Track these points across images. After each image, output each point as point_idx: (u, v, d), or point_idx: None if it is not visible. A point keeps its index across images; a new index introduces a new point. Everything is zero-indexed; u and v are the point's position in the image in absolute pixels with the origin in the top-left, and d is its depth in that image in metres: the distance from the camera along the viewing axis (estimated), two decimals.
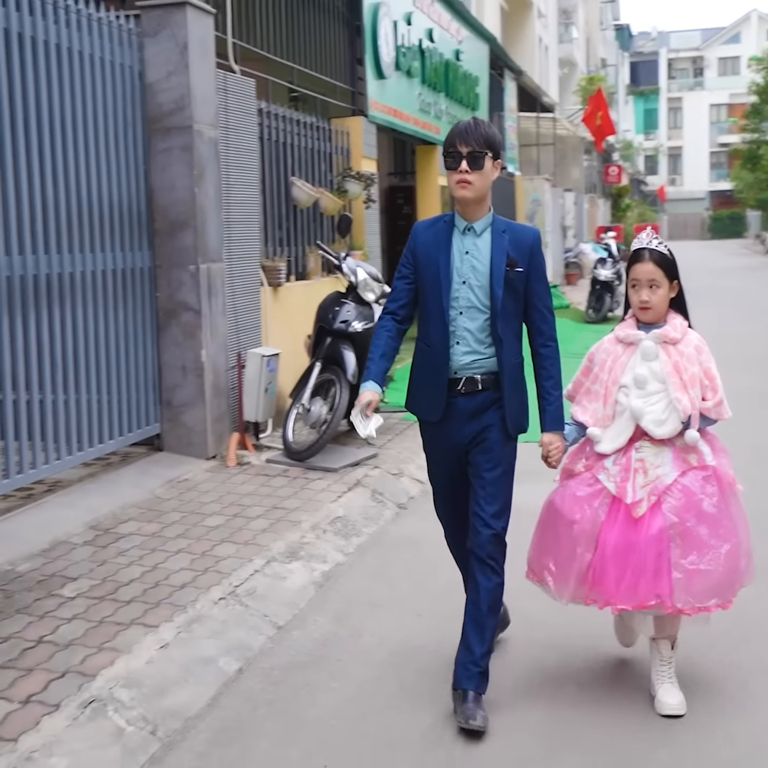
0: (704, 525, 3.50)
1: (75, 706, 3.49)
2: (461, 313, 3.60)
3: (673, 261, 3.65)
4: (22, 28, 5.43)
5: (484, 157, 3.50)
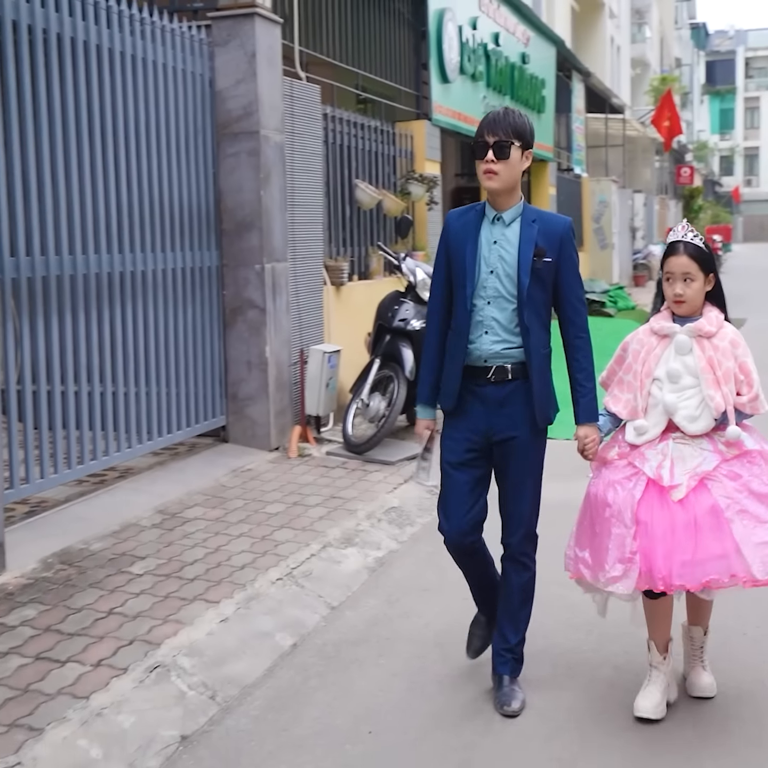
0: (759, 503, 3.45)
1: (141, 670, 3.78)
2: (489, 303, 3.55)
3: (708, 254, 3.59)
4: (100, 40, 5.77)
5: (510, 146, 3.44)
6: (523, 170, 3.54)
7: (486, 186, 3.51)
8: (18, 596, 4.41)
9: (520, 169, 3.52)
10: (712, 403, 3.50)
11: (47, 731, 3.32)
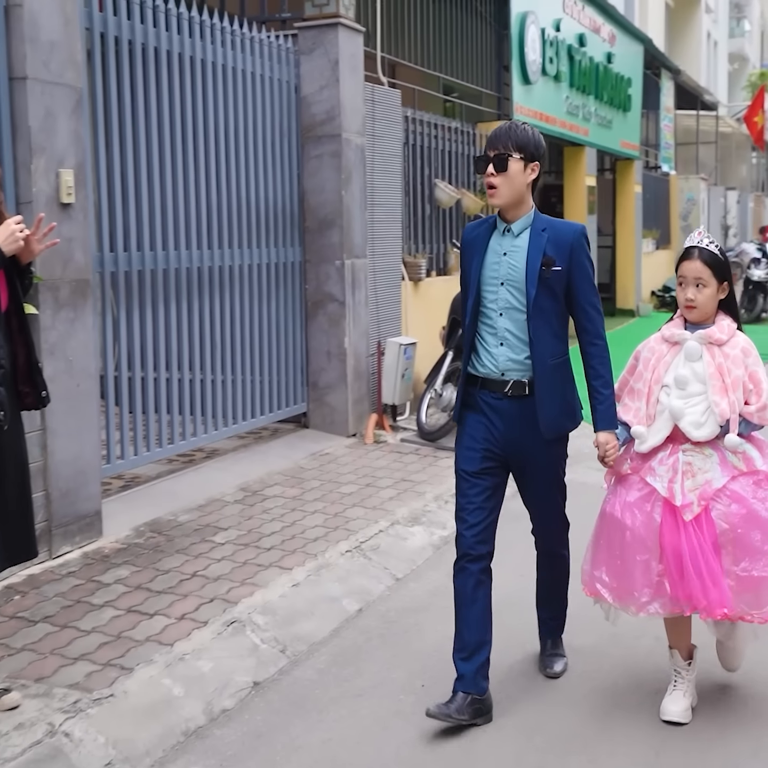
0: (758, 530, 3.42)
1: (219, 624, 4.21)
2: (501, 315, 3.56)
3: (723, 262, 3.57)
4: (194, 52, 6.24)
5: (508, 158, 3.43)
6: (529, 182, 3.50)
7: (489, 203, 3.58)
8: (113, 558, 4.90)
9: (524, 181, 3.47)
10: (716, 409, 3.46)
11: (136, 670, 3.76)
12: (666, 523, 3.47)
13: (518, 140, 3.45)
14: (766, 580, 3.40)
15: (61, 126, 4.71)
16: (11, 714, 3.38)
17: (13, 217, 3.27)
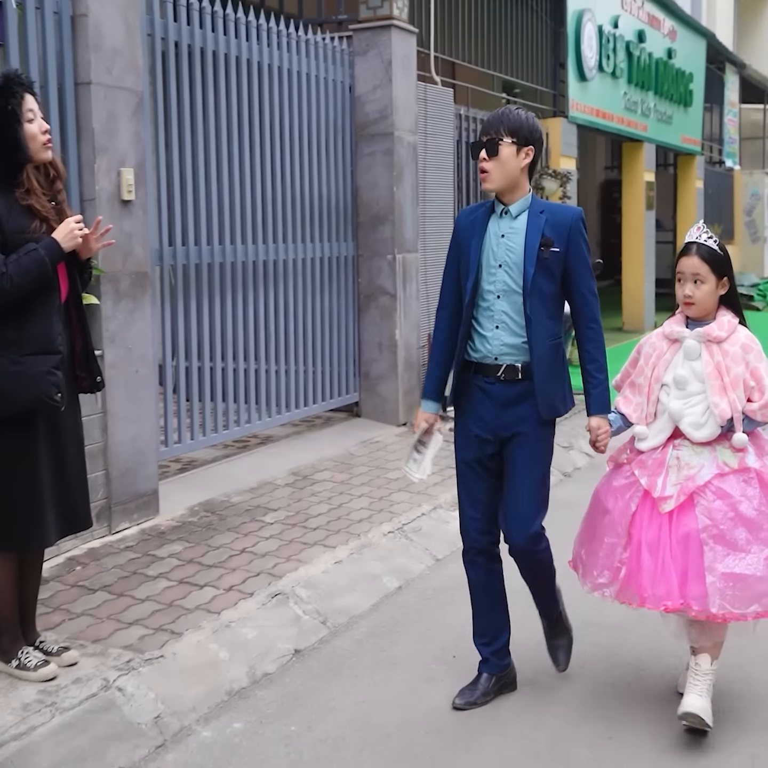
0: (743, 528, 3.36)
1: (264, 595, 4.48)
2: (499, 297, 3.53)
3: (722, 257, 3.50)
4: (250, 54, 6.52)
5: (498, 142, 3.41)
6: (523, 166, 3.47)
7: (483, 188, 3.54)
8: (168, 535, 5.20)
9: (517, 166, 3.45)
10: (716, 410, 3.42)
11: (185, 635, 4.05)
12: (640, 513, 3.48)
13: (510, 124, 3.42)
14: (748, 577, 3.31)
15: (122, 127, 5.02)
16: (70, 670, 3.68)
17: (74, 216, 3.55)
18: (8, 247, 3.36)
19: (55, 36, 4.77)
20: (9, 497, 3.51)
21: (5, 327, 3.39)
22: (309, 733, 3.58)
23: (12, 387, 3.38)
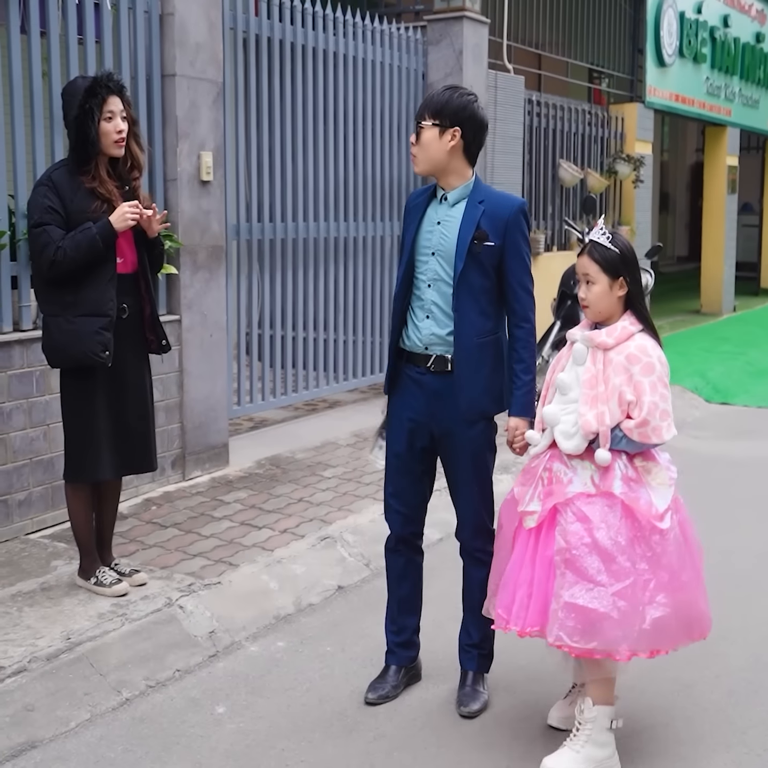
0: (596, 557, 3.07)
1: (314, 538, 5.01)
2: (429, 286, 3.40)
3: (618, 256, 3.19)
4: (327, 45, 7.01)
5: (421, 128, 3.31)
6: (448, 149, 3.30)
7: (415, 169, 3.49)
8: (235, 483, 5.77)
9: (441, 149, 3.30)
10: (580, 420, 3.14)
11: (241, 567, 4.60)
12: (518, 528, 3.29)
13: (433, 107, 3.30)
14: (591, 612, 3.04)
15: (203, 115, 5.57)
16: (139, 589, 4.26)
17: (136, 200, 4.05)
18: (71, 224, 3.93)
19: (144, 33, 5.33)
20: (71, 436, 4.14)
21: (64, 292, 3.98)
22: (342, 653, 4.09)
23: (65, 342, 3.98)
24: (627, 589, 3.06)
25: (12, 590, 4.22)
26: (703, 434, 7.96)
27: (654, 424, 3.09)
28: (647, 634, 3.07)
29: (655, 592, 3.09)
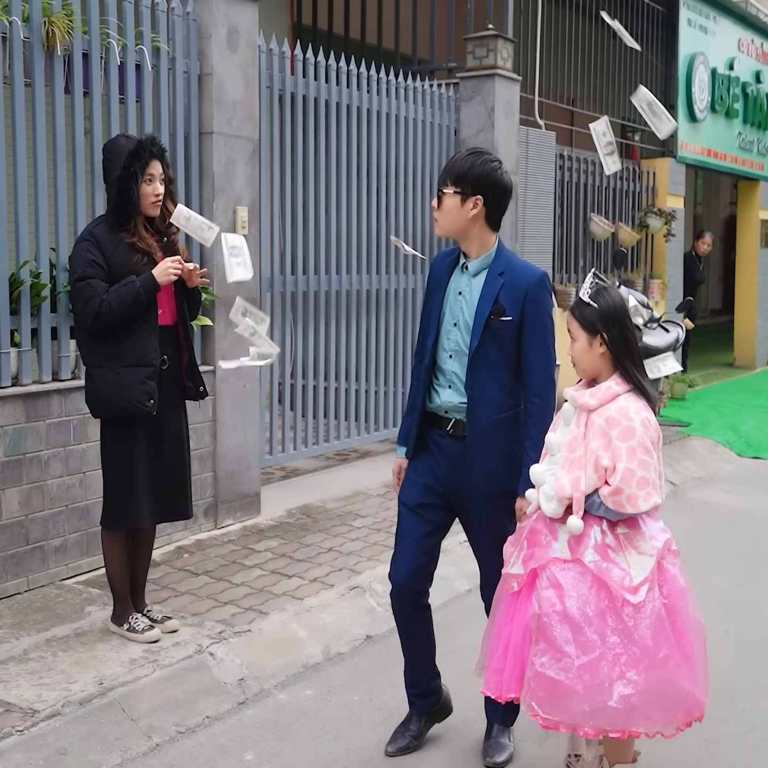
0: (566, 626, 2.96)
1: (344, 587, 5.04)
2: (451, 357, 3.38)
3: (597, 312, 3.05)
4: (360, 103, 7.18)
5: (443, 195, 3.28)
6: (470, 217, 3.29)
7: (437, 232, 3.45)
8: (266, 532, 5.83)
9: (463, 217, 3.28)
10: (555, 485, 3.05)
11: (271, 615, 4.64)
12: (503, 587, 3.24)
13: (455, 174, 3.27)
14: (559, 684, 2.93)
15: (239, 171, 5.72)
16: (171, 635, 4.32)
17: (179, 255, 4.20)
18: (113, 277, 4.07)
19: (183, 92, 5.51)
20: (110, 483, 4.23)
21: (108, 343, 4.10)
22: (369, 702, 4.12)
23: (110, 393, 4.10)
24: (593, 662, 2.92)
25: (47, 635, 4.29)
26: (735, 488, 7.93)
27: (628, 492, 2.94)
28: (615, 711, 2.90)
29: (626, 667, 2.91)
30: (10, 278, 4.73)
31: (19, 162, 4.77)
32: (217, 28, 5.56)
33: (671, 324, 9.01)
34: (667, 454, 8.60)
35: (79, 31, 4.92)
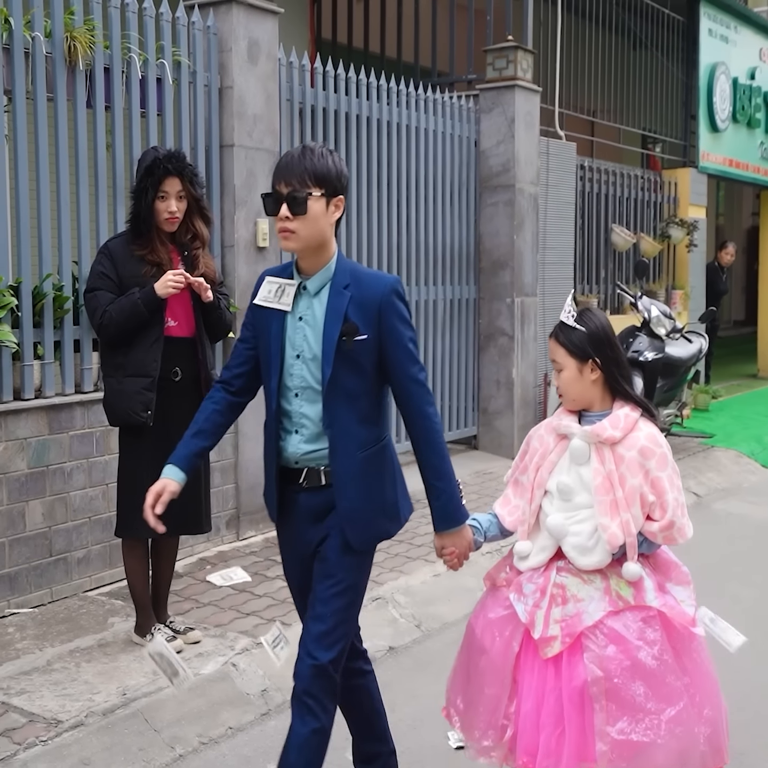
0: (640, 682, 2.66)
1: (367, 599, 4.92)
2: (297, 395, 2.83)
3: (585, 336, 2.80)
4: (380, 115, 7.20)
5: (307, 198, 2.69)
6: (332, 222, 2.79)
7: (283, 247, 2.80)
8: None
9: (328, 222, 2.76)
10: (605, 534, 2.73)
11: (294, 626, 4.60)
12: (525, 655, 2.81)
13: (317, 172, 2.72)
14: (647, 747, 2.64)
15: (260, 183, 5.74)
16: (194, 646, 4.32)
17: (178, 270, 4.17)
18: (123, 289, 4.13)
19: (204, 106, 5.54)
20: (121, 492, 4.27)
21: (116, 353, 4.18)
22: (392, 713, 4.06)
23: (113, 402, 4.18)
24: (681, 712, 2.68)
25: (70, 646, 4.30)
26: (759, 499, 7.87)
27: (678, 523, 2.77)
28: (704, 755, 2.73)
29: (701, 707, 2.73)
30: (34, 291, 4.77)
31: (42, 176, 4.81)
32: (238, 42, 5.60)
33: (694, 335, 8.99)
34: (691, 465, 8.56)
35: (101, 45, 4.96)
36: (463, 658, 3.07)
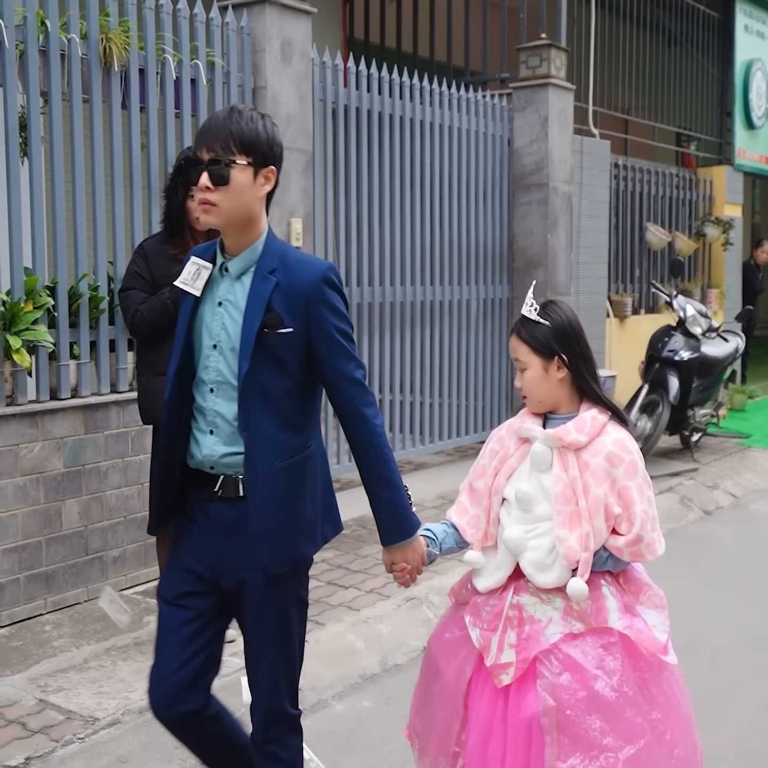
0: (597, 715, 2.36)
1: (401, 599, 5.02)
2: (212, 391, 2.50)
3: (550, 331, 2.53)
4: (413, 114, 7.19)
5: (230, 166, 2.35)
6: (262, 196, 2.43)
7: (202, 221, 2.46)
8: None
9: (254, 196, 2.41)
10: (561, 548, 2.43)
11: (327, 626, 4.63)
12: (476, 681, 2.55)
13: (243, 136, 2.36)
14: None
15: (293, 183, 5.75)
16: (228, 645, 4.27)
17: None
18: (157, 288, 4.17)
19: None
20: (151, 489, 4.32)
21: (148, 352, 4.24)
22: None
23: (144, 400, 4.25)
24: (643, 751, 2.36)
25: (107, 644, 4.32)
26: None
27: (647, 538, 2.46)
28: None
29: (671, 745, 2.42)
30: (69, 291, 4.80)
31: (78, 177, 4.84)
32: (271, 42, 5.61)
33: (730, 334, 8.89)
34: (727, 466, 8.47)
35: (136, 47, 4.99)
36: (422, 678, 2.77)
